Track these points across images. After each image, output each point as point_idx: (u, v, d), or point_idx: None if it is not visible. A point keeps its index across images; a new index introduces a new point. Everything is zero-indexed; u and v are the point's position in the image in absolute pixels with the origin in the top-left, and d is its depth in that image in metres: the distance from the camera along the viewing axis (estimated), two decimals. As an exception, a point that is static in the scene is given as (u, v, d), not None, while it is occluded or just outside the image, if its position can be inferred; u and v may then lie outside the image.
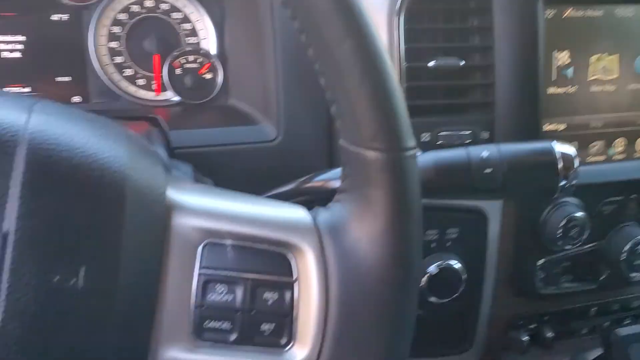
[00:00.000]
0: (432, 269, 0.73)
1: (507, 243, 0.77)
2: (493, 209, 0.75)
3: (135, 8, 0.83)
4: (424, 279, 0.73)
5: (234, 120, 0.81)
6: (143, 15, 0.83)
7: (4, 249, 0.35)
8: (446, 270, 0.73)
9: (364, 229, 0.41)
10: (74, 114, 0.42)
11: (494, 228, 0.75)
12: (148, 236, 0.40)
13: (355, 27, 0.38)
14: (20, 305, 0.35)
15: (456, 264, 0.74)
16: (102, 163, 0.39)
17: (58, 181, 0.37)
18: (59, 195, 0.36)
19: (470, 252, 0.76)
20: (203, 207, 0.43)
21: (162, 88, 0.85)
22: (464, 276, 0.74)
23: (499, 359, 0.85)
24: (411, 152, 0.41)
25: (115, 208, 0.38)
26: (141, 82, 0.85)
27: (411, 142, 0.41)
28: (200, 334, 0.41)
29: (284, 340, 0.42)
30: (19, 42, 0.80)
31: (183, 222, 0.42)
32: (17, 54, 0.80)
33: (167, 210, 0.41)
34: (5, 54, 0.79)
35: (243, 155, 0.75)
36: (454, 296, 0.75)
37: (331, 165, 0.76)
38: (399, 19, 0.71)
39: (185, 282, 0.41)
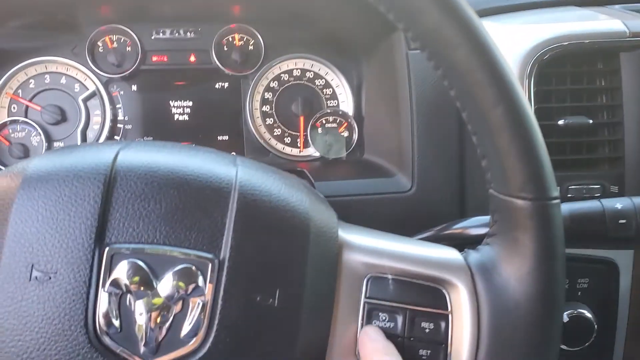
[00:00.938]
0: (564, 317, 0.76)
1: (639, 293, 0.78)
2: (624, 259, 0.77)
3: (284, 77, 0.95)
4: (555, 327, 0.76)
5: (368, 173, 0.89)
6: (291, 82, 0.95)
7: (220, 273, 0.44)
8: (577, 319, 0.76)
9: (513, 269, 0.47)
10: (266, 168, 0.51)
11: (625, 279, 0.77)
12: (325, 267, 0.48)
13: (507, 93, 0.45)
14: (232, 318, 0.43)
15: (587, 313, 0.76)
16: (292, 206, 0.47)
17: (260, 220, 0.46)
18: (261, 231, 0.45)
19: (601, 303, 0.78)
20: (368, 246, 0.50)
21: (305, 145, 0.96)
22: (595, 325, 0.76)
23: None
24: (556, 201, 0.46)
25: (302, 242, 0.46)
26: (287, 140, 0.96)
27: (556, 192, 0.46)
28: None
29: (439, 366, 0.48)
30: (188, 107, 0.94)
31: (352, 258, 0.49)
32: (186, 117, 0.93)
33: (339, 246, 0.49)
34: (177, 117, 0.93)
35: (379, 204, 0.82)
36: (585, 345, 0.77)
37: (462, 214, 0.81)
38: (529, 82, 0.77)
39: (352, 310, 0.48)
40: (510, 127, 0.45)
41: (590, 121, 0.77)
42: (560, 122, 0.77)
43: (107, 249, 0.43)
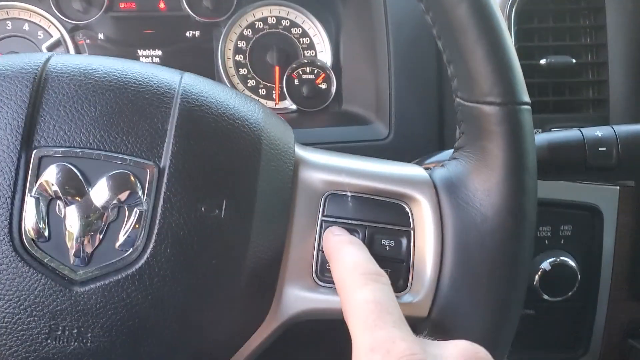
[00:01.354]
0: (545, 265, 0.73)
1: (624, 242, 0.75)
2: (608, 206, 0.73)
3: (259, 24, 0.91)
4: (537, 275, 0.73)
5: (345, 122, 0.85)
6: (266, 30, 0.91)
7: (159, 181, 0.40)
8: (560, 268, 0.73)
9: (480, 181, 0.43)
10: (215, 82, 0.48)
11: (610, 226, 0.74)
12: (279, 183, 0.44)
13: None
14: (173, 229, 0.40)
15: (571, 262, 0.73)
16: (243, 114, 0.44)
17: (206, 126, 0.42)
18: (206, 138, 0.42)
19: (585, 251, 0.74)
20: (327, 163, 0.47)
21: (280, 97, 0.92)
22: (579, 275, 0.73)
23: (618, 369, 0.81)
24: (526, 107, 0.43)
25: (252, 154, 0.43)
26: (262, 92, 0.92)
27: (526, 96, 0.43)
28: (322, 275, 0.45)
29: (400, 285, 0.45)
30: (157, 56, 0.90)
31: (308, 175, 0.46)
32: (156, 67, 0.90)
33: (295, 163, 0.46)
34: (146, 66, 0.89)
35: (356, 152, 0.77)
36: (568, 295, 0.74)
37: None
38: (510, 19, 0.73)
39: (309, 228, 0.45)
40: (475, 25, 0.41)
41: (574, 61, 0.73)
42: (543, 61, 0.73)
43: (34, 151, 0.39)
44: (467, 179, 0.44)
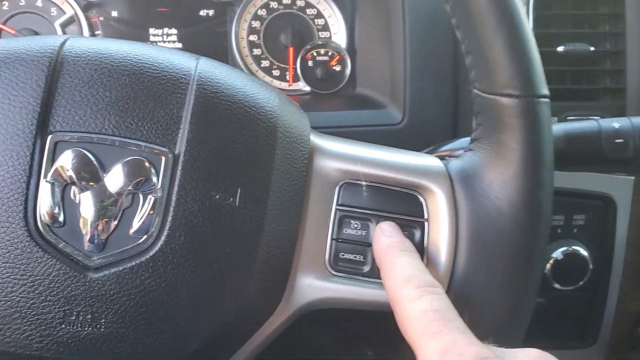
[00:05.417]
0: (557, 254, 0.73)
1: (638, 233, 0.74)
2: (622, 196, 0.73)
3: (273, 4, 0.90)
4: (549, 264, 0.73)
5: (359, 106, 0.85)
6: (281, 11, 0.90)
7: (174, 168, 0.40)
8: (572, 257, 0.73)
9: (496, 173, 0.43)
10: (231, 67, 0.47)
11: (623, 216, 0.73)
12: (293, 171, 0.44)
13: None
14: (187, 216, 0.40)
15: (583, 251, 0.72)
16: (258, 102, 0.44)
17: (221, 113, 0.42)
18: (221, 125, 0.42)
19: (597, 241, 0.74)
20: (342, 152, 0.47)
21: (294, 79, 0.91)
22: (590, 265, 0.73)
23: (626, 359, 0.81)
24: (545, 100, 0.42)
25: (268, 141, 0.43)
26: (276, 72, 0.91)
27: (545, 89, 0.42)
28: (336, 265, 0.45)
29: (413, 277, 0.44)
30: (170, 35, 0.89)
31: (323, 164, 0.46)
32: (169, 45, 0.89)
33: (311, 151, 0.46)
34: (159, 45, 0.89)
35: (369, 137, 0.77)
36: (579, 285, 0.74)
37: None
38: (528, 6, 0.72)
39: (323, 217, 0.45)
40: (495, 16, 0.41)
41: (592, 48, 0.72)
42: (560, 48, 0.72)
43: (50, 136, 0.39)
44: (483, 171, 0.44)
